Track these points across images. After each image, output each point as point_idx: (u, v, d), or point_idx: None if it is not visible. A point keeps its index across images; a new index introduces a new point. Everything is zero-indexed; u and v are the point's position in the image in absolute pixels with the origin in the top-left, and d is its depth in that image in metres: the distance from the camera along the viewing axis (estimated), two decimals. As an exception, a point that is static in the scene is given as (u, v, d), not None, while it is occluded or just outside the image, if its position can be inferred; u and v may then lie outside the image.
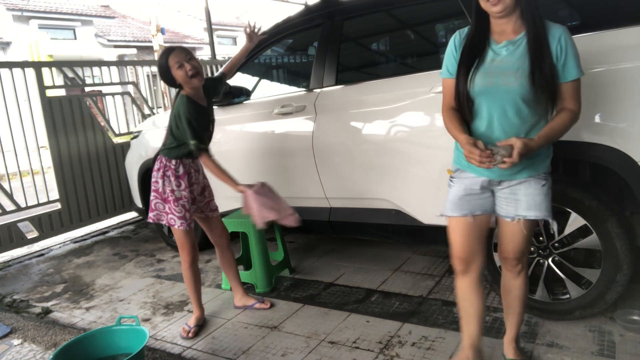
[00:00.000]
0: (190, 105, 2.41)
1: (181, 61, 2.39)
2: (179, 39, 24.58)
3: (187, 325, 2.64)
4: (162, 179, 2.51)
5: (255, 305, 2.83)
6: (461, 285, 1.91)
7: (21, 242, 4.25)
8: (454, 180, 1.89)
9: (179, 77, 2.42)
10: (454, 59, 1.75)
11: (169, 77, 2.44)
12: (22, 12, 18.99)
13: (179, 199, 2.51)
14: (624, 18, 2.10)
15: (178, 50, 2.43)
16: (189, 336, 2.58)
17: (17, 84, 4.17)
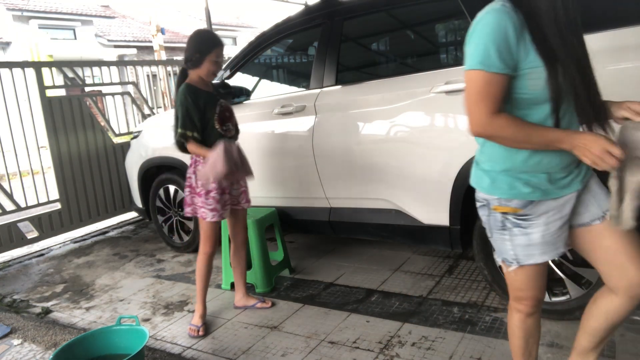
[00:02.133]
0: (189, 93, 2.41)
1: (219, 59, 2.45)
2: (179, 39, 24.57)
3: (194, 325, 2.62)
4: (194, 174, 2.52)
5: (257, 305, 2.82)
6: (527, 324, 1.53)
7: (21, 242, 4.25)
8: (529, 220, 1.37)
9: (205, 68, 2.44)
10: (512, 47, 1.25)
11: (196, 61, 2.42)
12: (22, 12, 18.99)
13: (209, 192, 2.50)
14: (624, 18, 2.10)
15: (223, 48, 2.46)
16: (200, 334, 2.56)
17: (17, 84, 4.17)
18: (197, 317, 2.66)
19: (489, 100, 1.28)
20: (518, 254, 1.41)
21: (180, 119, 2.42)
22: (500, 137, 1.31)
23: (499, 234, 1.44)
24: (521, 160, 1.35)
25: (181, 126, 2.42)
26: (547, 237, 1.38)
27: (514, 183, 1.37)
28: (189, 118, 2.42)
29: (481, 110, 1.29)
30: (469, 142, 2.36)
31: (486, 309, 2.54)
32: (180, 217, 3.95)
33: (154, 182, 4.03)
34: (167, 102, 5.92)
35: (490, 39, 1.25)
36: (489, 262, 2.45)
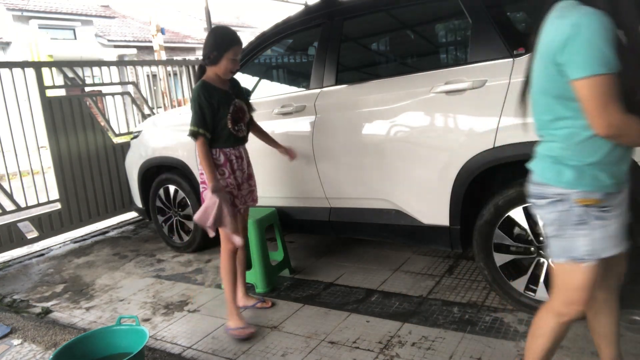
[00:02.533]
0: (203, 90, 2.39)
1: (236, 57, 2.44)
2: (179, 39, 24.59)
3: (238, 327, 2.52)
4: None
5: (257, 304, 2.82)
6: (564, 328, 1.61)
7: (21, 242, 4.25)
8: (609, 212, 1.42)
9: (223, 66, 2.42)
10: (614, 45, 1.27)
11: (214, 58, 2.41)
12: (22, 12, 18.99)
13: (224, 187, 2.48)
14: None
15: (241, 46, 2.45)
16: (249, 332, 2.51)
17: (17, 84, 4.17)
18: (234, 319, 2.55)
19: (616, 100, 1.29)
20: (596, 247, 1.42)
21: (192, 115, 2.40)
22: (628, 134, 1.33)
23: (574, 229, 1.43)
24: (607, 152, 1.38)
25: (192, 123, 2.40)
26: (620, 228, 1.44)
27: (599, 175, 1.39)
28: (200, 115, 2.39)
29: (613, 112, 1.29)
30: (469, 142, 2.37)
31: (486, 309, 2.54)
32: (180, 217, 3.95)
33: (154, 182, 4.04)
34: (167, 102, 5.92)
35: (603, 41, 1.26)
36: (489, 262, 2.45)
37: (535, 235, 2.31)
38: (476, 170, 2.38)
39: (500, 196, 2.35)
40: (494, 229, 2.40)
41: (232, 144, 2.53)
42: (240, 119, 2.56)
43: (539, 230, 2.29)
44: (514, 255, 2.41)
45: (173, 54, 22.88)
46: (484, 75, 2.33)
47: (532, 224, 2.30)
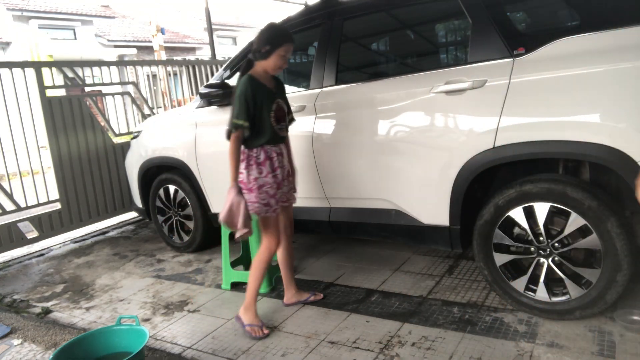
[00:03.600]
0: (250, 83, 2.37)
1: (287, 55, 2.43)
2: (179, 39, 24.59)
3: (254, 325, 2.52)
4: (246, 170, 2.47)
5: (310, 298, 2.79)
6: None
7: (21, 242, 4.25)
8: None
9: (272, 62, 2.41)
10: None
11: (265, 53, 2.39)
12: (22, 12, 19.00)
13: (262, 186, 2.46)
14: (624, 18, 2.10)
15: (293, 45, 2.44)
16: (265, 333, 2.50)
17: (17, 84, 4.17)
18: (252, 316, 2.55)
19: None
20: None
21: (236, 108, 2.37)
22: None
23: None
24: None
25: (235, 115, 2.36)
26: None
27: None
28: (245, 108, 2.36)
29: None
30: (469, 142, 2.37)
31: (486, 309, 2.54)
32: (180, 217, 3.96)
33: (154, 182, 4.04)
34: (167, 102, 5.92)
35: None
36: (489, 262, 2.45)
37: (535, 235, 2.31)
38: (476, 170, 2.38)
39: (500, 196, 2.35)
40: (494, 229, 2.40)
41: (274, 142, 2.51)
42: (281, 119, 2.55)
43: (539, 230, 2.29)
44: (514, 255, 2.41)
45: (173, 54, 22.88)
46: (484, 75, 2.33)
47: (532, 224, 2.30)
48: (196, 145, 3.57)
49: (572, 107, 2.10)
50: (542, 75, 2.18)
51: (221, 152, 3.44)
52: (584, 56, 2.09)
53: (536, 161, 2.40)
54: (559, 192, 2.18)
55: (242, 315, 2.59)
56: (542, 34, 2.31)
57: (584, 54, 2.10)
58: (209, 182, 3.60)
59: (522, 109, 2.22)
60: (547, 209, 2.23)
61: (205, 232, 3.86)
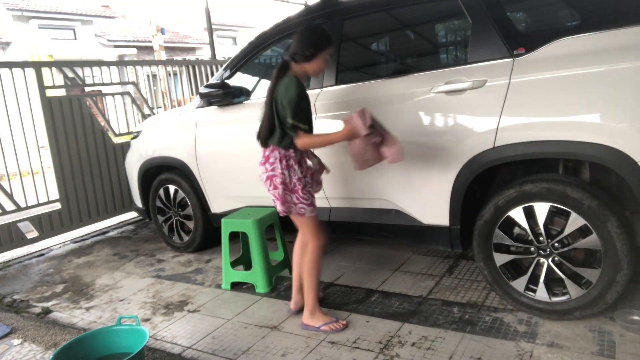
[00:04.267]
0: (300, 85, 2.33)
1: (328, 57, 2.43)
2: (179, 39, 24.59)
3: (329, 323, 2.49)
4: (287, 170, 2.40)
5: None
6: None
7: (21, 242, 4.25)
8: None
9: (316, 65, 2.39)
10: None
11: (309, 55, 2.36)
12: (22, 12, 19.00)
13: (305, 186, 2.43)
14: (624, 18, 2.10)
15: (332, 47, 2.44)
16: (344, 324, 2.49)
17: (17, 84, 4.17)
18: (321, 315, 2.52)
19: None
20: None
21: (291, 109, 2.28)
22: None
23: None
24: None
25: (292, 116, 2.28)
26: None
27: None
28: (300, 109, 2.30)
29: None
30: (469, 142, 2.37)
31: (486, 309, 2.54)
32: (180, 217, 3.96)
33: (154, 182, 4.04)
34: (167, 102, 5.92)
35: None
36: (489, 262, 2.45)
37: (535, 235, 2.31)
38: (476, 170, 2.38)
39: (500, 196, 2.35)
40: (494, 229, 2.40)
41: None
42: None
43: (539, 230, 2.29)
44: (514, 255, 2.41)
45: (173, 54, 22.89)
46: (484, 75, 2.33)
47: (532, 224, 2.30)
48: (196, 145, 3.57)
49: (572, 107, 2.10)
50: (542, 75, 2.18)
51: (221, 152, 3.46)
52: (584, 56, 2.09)
53: (536, 161, 2.40)
54: (559, 192, 2.18)
55: (310, 321, 2.53)
56: (542, 34, 2.31)
57: (584, 54, 2.10)
58: (209, 182, 3.60)
59: (522, 109, 2.22)
60: (547, 209, 2.23)
61: (205, 232, 3.86)
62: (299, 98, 2.30)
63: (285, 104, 2.31)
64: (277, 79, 2.39)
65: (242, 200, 3.49)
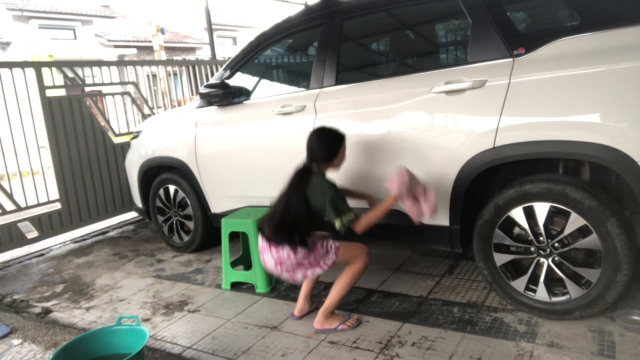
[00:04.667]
0: (330, 182, 2.42)
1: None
2: (179, 39, 24.59)
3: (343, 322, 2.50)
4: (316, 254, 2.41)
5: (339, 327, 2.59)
6: None
7: (21, 242, 4.25)
8: None
9: (340, 158, 2.50)
10: None
11: (330, 156, 2.46)
12: (22, 12, 19.00)
13: (328, 254, 2.43)
14: (624, 18, 2.10)
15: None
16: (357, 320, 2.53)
17: (17, 84, 4.17)
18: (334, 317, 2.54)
19: None
20: None
21: (335, 209, 2.33)
22: None
23: None
24: None
25: (339, 214, 2.33)
26: None
27: None
28: (341, 202, 2.37)
29: None
30: (469, 142, 2.37)
31: (486, 309, 2.54)
32: (180, 217, 3.96)
33: (154, 182, 4.04)
34: (167, 102, 5.92)
35: None
36: (489, 262, 2.45)
37: (535, 235, 2.31)
38: (476, 170, 2.38)
39: (500, 196, 2.35)
40: (494, 229, 2.40)
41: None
42: None
43: (539, 230, 2.29)
44: (514, 255, 2.41)
45: (173, 54, 22.89)
46: (484, 75, 2.33)
47: (532, 224, 2.30)
48: (196, 145, 3.57)
49: (572, 107, 2.10)
50: (542, 75, 2.18)
51: (221, 151, 3.46)
52: (584, 56, 2.09)
53: (536, 161, 2.40)
54: (559, 192, 2.18)
55: (324, 325, 2.51)
56: (542, 34, 2.31)
57: (584, 54, 2.10)
58: (209, 182, 3.60)
59: (522, 108, 2.22)
60: (547, 209, 2.23)
61: (205, 232, 3.86)
62: (335, 195, 2.38)
63: (327, 206, 2.35)
64: (302, 183, 2.41)
65: (242, 200, 3.49)
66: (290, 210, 2.36)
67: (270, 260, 2.41)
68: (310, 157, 2.48)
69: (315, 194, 2.37)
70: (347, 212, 2.36)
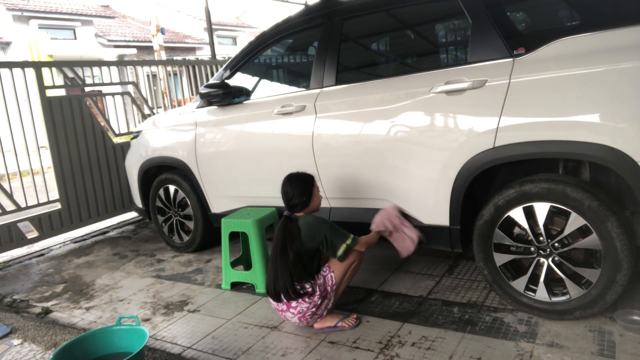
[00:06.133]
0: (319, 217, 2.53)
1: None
2: (179, 39, 24.59)
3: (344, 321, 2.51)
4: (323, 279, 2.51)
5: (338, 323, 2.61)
6: None
7: (21, 242, 4.25)
8: None
9: (316, 201, 2.59)
10: None
11: (307, 199, 2.55)
12: (22, 12, 18.99)
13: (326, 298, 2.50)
14: (624, 18, 2.10)
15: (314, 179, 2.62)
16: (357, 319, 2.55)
17: (17, 84, 4.17)
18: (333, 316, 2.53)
19: None
20: None
21: (337, 234, 2.46)
22: None
23: None
24: None
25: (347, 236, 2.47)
26: None
27: None
28: (340, 230, 2.48)
29: None
30: (469, 142, 2.37)
31: (486, 309, 2.54)
32: (180, 217, 3.96)
33: (154, 182, 4.04)
34: (167, 102, 5.92)
35: None
36: (489, 262, 2.46)
37: (535, 235, 2.31)
38: (476, 170, 2.38)
39: (500, 196, 2.35)
40: (494, 229, 2.40)
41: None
42: None
43: (539, 230, 2.29)
44: (514, 255, 2.41)
45: (173, 54, 22.88)
46: (484, 75, 2.33)
47: (532, 224, 2.30)
48: (196, 145, 3.57)
49: (572, 107, 2.10)
50: (542, 75, 2.18)
51: (221, 152, 3.46)
52: (584, 56, 2.09)
53: (536, 161, 2.40)
54: (559, 192, 2.18)
55: (324, 323, 2.52)
56: (542, 34, 2.31)
57: (584, 54, 2.10)
58: (209, 182, 3.60)
59: (522, 109, 2.22)
60: (547, 209, 2.23)
61: (205, 232, 3.86)
62: (332, 224, 2.49)
63: (329, 236, 2.44)
64: (287, 230, 2.49)
65: (242, 200, 3.50)
66: (294, 264, 2.42)
67: (292, 317, 2.48)
68: (290, 206, 2.57)
69: (313, 234, 2.45)
70: (349, 234, 2.47)
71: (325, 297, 2.46)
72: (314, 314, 2.46)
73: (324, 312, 2.48)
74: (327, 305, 2.48)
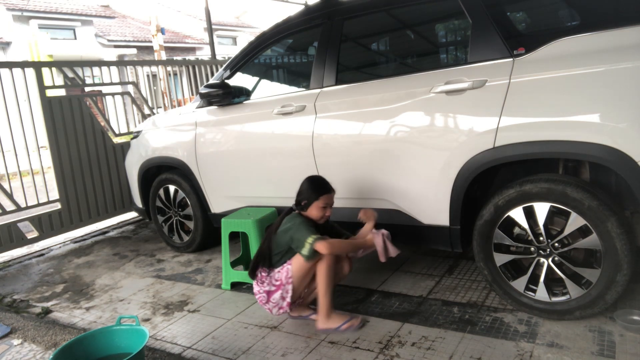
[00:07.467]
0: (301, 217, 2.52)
1: (328, 204, 2.57)
2: (179, 39, 24.60)
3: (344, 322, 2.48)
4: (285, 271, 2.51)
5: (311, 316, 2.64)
6: None
7: (21, 242, 4.25)
8: None
9: (314, 213, 2.55)
10: None
11: (304, 206, 2.55)
12: (22, 12, 19.00)
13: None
14: (624, 18, 2.10)
15: (330, 195, 2.58)
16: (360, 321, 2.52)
17: (17, 84, 4.17)
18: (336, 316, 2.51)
19: None
20: None
21: (297, 235, 2.42)
22: None
23: None
24: None
25: (308, 234, 2.39)
26: None
27: None
28: (305, 228, 2.43)
29: None
30: (469, 142, 2.37)
31: (486, 309, 2.54)
32: (180, 217, 3.96)
33: (154, 182, 4.04)
34: (167, 102, 5.92)
35: None
36: (489, 262, 2.46)
37: (535, 235, 2.31)
38: (476, 170, 2.38)
39: (500, 196, 2.35)
40: (494, 229, 2.40)
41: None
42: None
43: (539, 230, 2.29)
44: (514, 255, 2.41)
45: (173, 54, 22.89)
46: (484, 75, 2.33)
47: (532, 224, 2.30)
48: (196, 145, 3.57)
49: (572, 107, 2.10)
50: (542, 75, 2.18)
51: (221, 151, 3.46)
52: (584, 56, 2.09)
53: (536, 161, 2.40)
54: (559, 192, 2.18)
55: (327, 324, 2.49)
56: (542, 34, 2.31)
57: (584, 54, 2.10)
58: (209, 182, 3.60)
59: (522, 109, 2.22)
60: (547, 209, 2.23)
61: (205, 232, 3.87)
62: (301, 223, 2.47)
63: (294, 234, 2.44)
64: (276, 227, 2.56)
65: (242, 200, 3.50)
66: (264, 249, 2.55)
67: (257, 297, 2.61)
68: (295, 201, 2.62)
69: (286, 229, 2.50)
70: (312, 233, 2.41)
71: (278, 287, 2.49)
72: (268, 300, 2.52)
73: (281, 302, 2.49)
74: (283, 296, 2.48)
